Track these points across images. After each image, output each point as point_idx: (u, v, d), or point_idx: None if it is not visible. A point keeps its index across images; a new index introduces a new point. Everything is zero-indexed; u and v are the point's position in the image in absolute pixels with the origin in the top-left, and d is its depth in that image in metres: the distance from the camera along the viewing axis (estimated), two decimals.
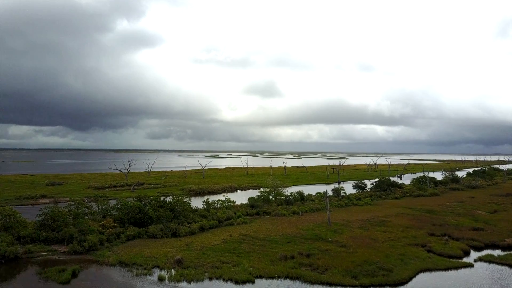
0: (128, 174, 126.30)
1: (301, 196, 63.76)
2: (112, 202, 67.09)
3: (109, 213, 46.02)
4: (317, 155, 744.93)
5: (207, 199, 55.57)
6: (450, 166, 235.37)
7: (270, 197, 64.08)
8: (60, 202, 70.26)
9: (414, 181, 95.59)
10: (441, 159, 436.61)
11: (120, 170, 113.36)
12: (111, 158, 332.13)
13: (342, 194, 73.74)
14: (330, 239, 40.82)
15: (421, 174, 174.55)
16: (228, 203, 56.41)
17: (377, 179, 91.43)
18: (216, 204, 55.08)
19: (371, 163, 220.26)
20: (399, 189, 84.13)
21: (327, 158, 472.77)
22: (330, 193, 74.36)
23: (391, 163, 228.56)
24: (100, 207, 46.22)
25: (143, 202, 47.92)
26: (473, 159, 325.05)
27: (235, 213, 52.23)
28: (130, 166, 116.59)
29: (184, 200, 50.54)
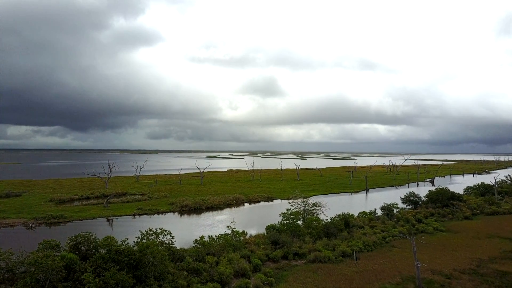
0: (113, 180, 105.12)
1: (345, 222, 42.10)
2: (68, 227, 46.53)
3: (12, 275, 24.32)
4: (320, 155, 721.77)
5: (201, 237, 33.67)
6: (474, 168, 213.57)
7: (299, 222, 42.62)
8: None
9: (474, 191, 73.73)
10: (451, 159, 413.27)
11: (98, 176, 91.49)
12: (107, 159, 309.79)
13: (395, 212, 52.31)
14: None
15: (449, 177, 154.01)
16: (236, 239, 34.89)
17: (431, 189, 68.76)
18: (216, 242, 33.43)
19: (390, 164, 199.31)
20: (462, 203, 62.54)
21: (333, 159, 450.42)
22: (379, 212, 52.87)
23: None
24: None
25: (84, 249, 26.51)
26: (493, 159, 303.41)
27: (249, 261, 30.79)
28: (111, 172, 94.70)
29: (162, 240, 29.17)
